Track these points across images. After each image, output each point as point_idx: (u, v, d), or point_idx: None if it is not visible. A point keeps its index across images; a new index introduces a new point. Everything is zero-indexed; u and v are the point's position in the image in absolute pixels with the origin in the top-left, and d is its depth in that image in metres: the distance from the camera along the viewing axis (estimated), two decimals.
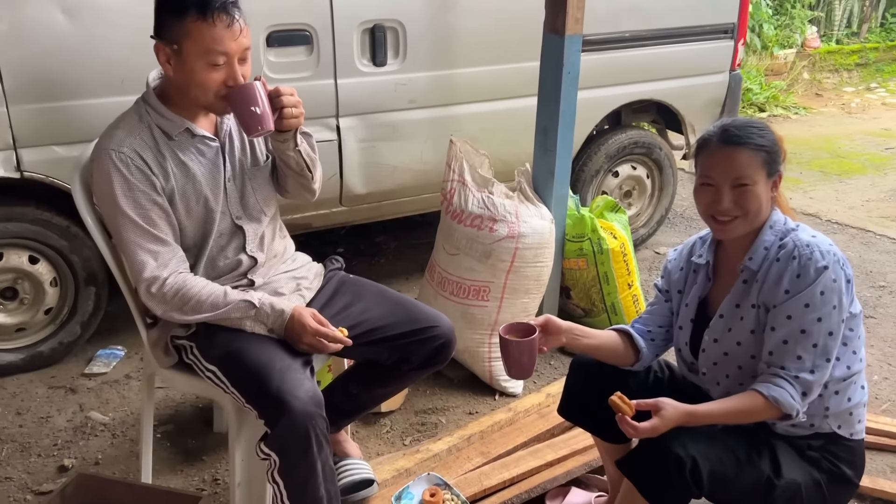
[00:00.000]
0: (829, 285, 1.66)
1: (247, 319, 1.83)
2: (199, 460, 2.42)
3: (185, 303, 1.81)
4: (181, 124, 1.85)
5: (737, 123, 1.75)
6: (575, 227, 3.08)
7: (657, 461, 1.68)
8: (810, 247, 1.67)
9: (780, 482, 1.71)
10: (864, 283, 3.72)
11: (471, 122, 3.22)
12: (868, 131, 6.55)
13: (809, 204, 4.79)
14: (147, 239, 1.80)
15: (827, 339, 1.67)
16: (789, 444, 1.77)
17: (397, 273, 3.69)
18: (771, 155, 1.72)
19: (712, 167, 1.74)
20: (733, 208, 1.72)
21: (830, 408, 1.76)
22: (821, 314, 1.66)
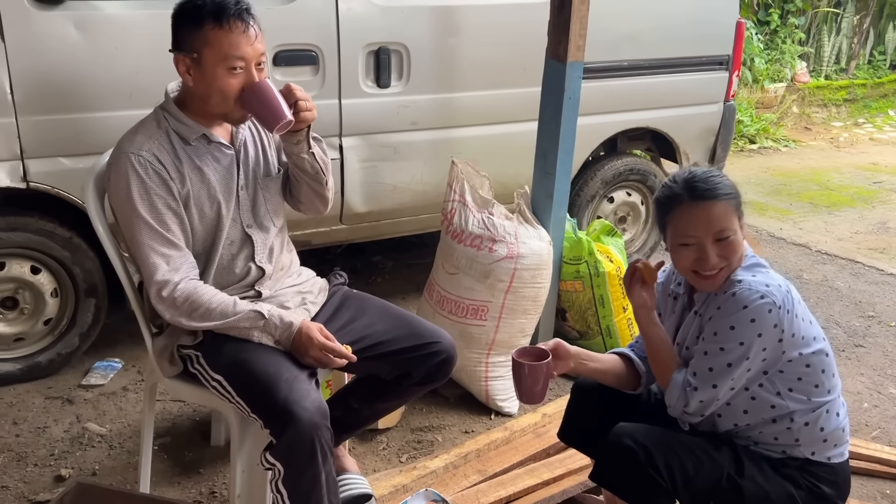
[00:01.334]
0: (743, 323, 1.68)
1: (255, 330, 1.85)
2: (197, 473, 2.42)
3: (194, 309, 1.83)
4: (198, 130, 1.90)
5: (700, 176, 1.75)
6: (572, 250, 3.12)
7: (613, 457, 1.76)
8: (742, 283, 1.71)
9: (744, 483, 1.75)
10: (853, 313, 3.78)
11: (471, 144, 3.27)
12: (856, 165, 6.66)
13: (799, 234, 4.86)
14: (160, 242, 1.83)
15: (723, 369, 1.71)
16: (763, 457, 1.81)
17: (394, 292, 3.71)
18: (738, 199, 1.75)
19: (691, 226, 1.73)
20: (719, 261, 1.73)
21: (801, 439, 1.79)
22: (724, 345, 1.71)
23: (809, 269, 4.33)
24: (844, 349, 3.41)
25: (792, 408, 1.77)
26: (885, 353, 3.39)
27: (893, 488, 2.49)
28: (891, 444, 2.70)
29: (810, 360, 1.76)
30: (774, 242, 4.73)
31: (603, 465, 1.80)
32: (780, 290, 1.71)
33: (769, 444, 1.81)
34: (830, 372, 1.81)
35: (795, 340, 1.74)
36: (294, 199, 2.11)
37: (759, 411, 1.79)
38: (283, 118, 1.84)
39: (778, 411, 1.77)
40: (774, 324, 1.69)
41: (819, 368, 1.78)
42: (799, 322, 1.74)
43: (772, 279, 1.73)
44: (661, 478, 1.70)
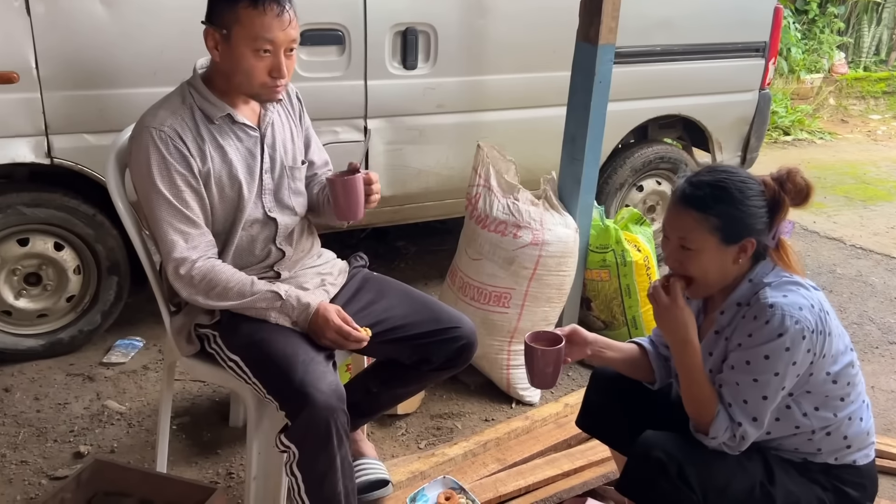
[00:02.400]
0: (778, 352, 1.58)
1: (272, 310, 1.83)
2: (214, 453, 2.41)
3: (211, 288, 1.81)
4: (223, 109, 1.87)
5: (698, 180, 1.65)
6: (599, 238, 3.06)
7: (642, 469, 1.68)
8: (774, 308, 1.58)
9: (776, 491, 1.68)
10: (888, 309, 3.67)
11: (498, 129, 3.21)
12: (894, 159, 6.49)
13: (833, 228, 4.75)
14: (179, 219, 1.81)
15: (759, 401, 1.61)
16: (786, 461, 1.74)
17: (416, 278, 3.68)
18: (728, 222, 1.61)
19: (666, 221, 1.69)
20: (679, 267, 1.67)
21: (823, 448, 1.72)
22: (759, 377, 1.60)
23: (843, 263, 4.22)
24: (878, 346, 3.32)
25: (816, 425, 1.70)
26: None
27: None
28: None
29: (838, 377, 1.68)
30: (808, 236, 4.62)
31: (632, 477, 1.72)
32: (813, 311, 1.60)
33: (789, 451, 1.75)
34: (856, 381, 1.73)
35: (825, 360, 1.65)
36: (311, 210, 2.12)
37: (783, 429, 1.72)
38: (356, 217, 1.95)
39: (801, 429, 1.71)
40: (808, 349, 1.60)
41: (845, 381, 1.70)
42: (832, 340, 1.65)
43: (804, 299, 1.61)
44: (692, 491, 1.64)
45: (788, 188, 1.64)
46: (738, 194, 1.62)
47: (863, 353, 3.23)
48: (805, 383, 1.66)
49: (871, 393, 2.92)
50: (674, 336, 1.70)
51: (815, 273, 4.05)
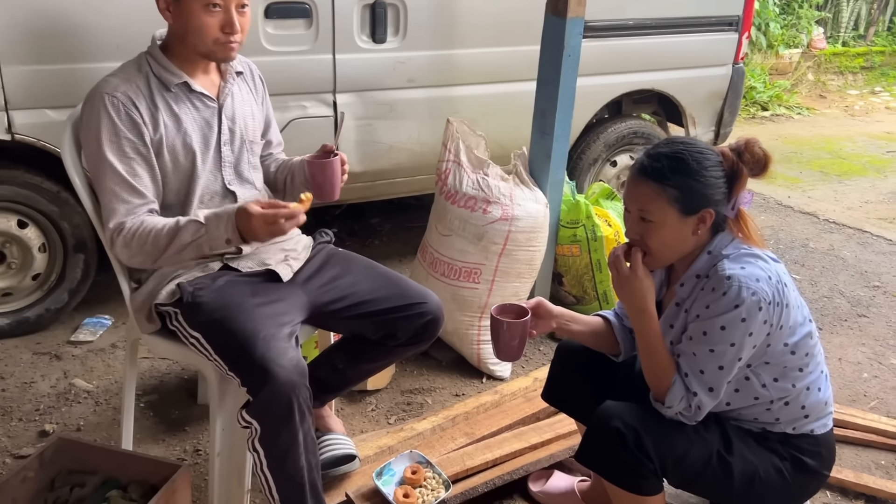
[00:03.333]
0: (734, 323, 1.59)
1: (202, 241, 1.75)
2: (182, 431, 2.41)
3: (144, 241, 1.77)
4: (180, 76, 1.86)
5: (657, 152, 1.65)
6: (570, 213, 3.06)
7: (601, 439, 1.69)
8: (731, 279, 1.59)
9: (733, 459, 1.70)
10: (858, 282, 3.71)
11: (469, 103, 3.19)
12: (870, 134, 6.53)
13: (808, 203, 4.78)
14: (124, 188, 1.79)
15: (716, 371, 1.63)
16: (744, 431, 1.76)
17: (390, 255, 3.67)
18: (686, 193, 1.61)
19: (626, 193, 1.69)
20: (639, 241, 1.67)
21: (781, 417, 1.74)
22: (715, 347, 1.61)
23: (816, 237, 4.25)
24: (847, 319, 3.35)
25: (774, 395, 1.71)
26: (888, 324, 3.32)
27: (889, 459, 2.45)
28: (889, 415, 2.65)
29: (796, 347, 1.70)
30: (782, 210, 4.64)
31: (590, 446, 1.74)
32: (770, 282, 1.61)
33: (748, 421, 1.76)
34: (814, 352, 1.75)
35: (783, 332, 1.66)
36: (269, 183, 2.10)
37: (743, 400, 1.73)
38: (333, 197, 1.98)
39: (760, 399, 1.72)
40: (765, 320, 1.60)
41: (803, 352, 1.71)
42: (789, 311, 1.66)
43: (762, 271, 1.62)
44: (649, 460, 1.65)
45: (746, 158, 1.64)
46: (696, 165, 1.62)
47: (832, 326, 3.27)
48: (763, 354, 1.67)
49: (838, 365, 2.96)
50: (632, 305, 1.70)
51: (787, 247, 4.08)
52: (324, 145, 1.99)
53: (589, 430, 1.75)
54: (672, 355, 1.70)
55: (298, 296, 1.94)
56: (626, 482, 1.70)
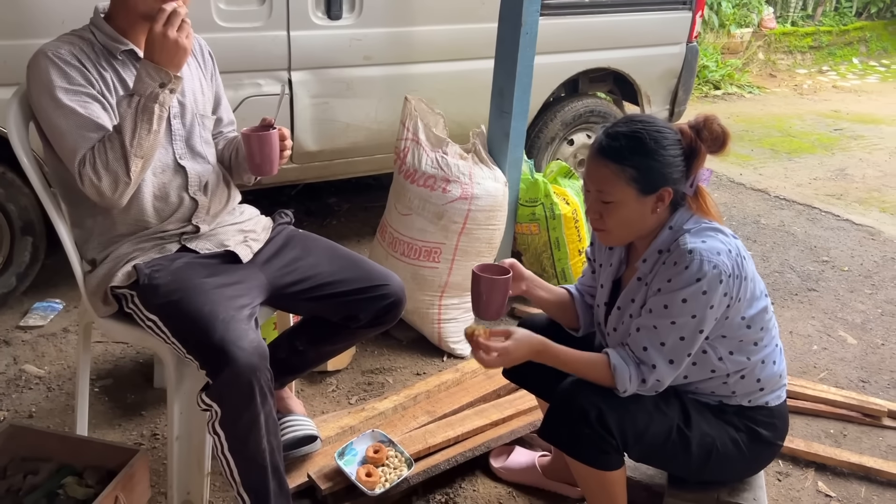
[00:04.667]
0: (695, 296, 1.61)
1: (141, 105, 1.67)
2: (138, 415, 2.37)
3: (104, 154, 1.68)
4: (126, 43, 1.81)
5: (615, 132, 1.65)
6: (528, 192, 3.07)
7: (564, 416, 1.71)
8: (693, 253, 1.60)
9: (692, 433, 1.73)
10: (808, 257, 3.80)
11: (427, 81, 3.17)
12: (818, 112, 6.68)
13: (759, 180, 4.87)
14: (86, 127, 1.71)
15: (677, 343, 1.65)
16: (702, 404, 1.79)
17: (349, 235, 3.64)
18: (645, 173, 1.62)
19: (585, 174, 1.70)
20: (600, 221, 1.69)
21: (737, 391, 1.78)
22: (676, 319, 1.63)
23: (767, 214, 4.34)
24: (798, 293, 3.44)
25: (731, 369, 1.75)
26: (836, 297, 3.42)
27: (837, 427, 2.53)
28: (837, 386, 2.73)
29: (752, 321, 1.73)
30: (734, 188, 4.73)
31: (553, 423, 1.75)
32: (730, 256, 1.64)
33: (706, 395, 1.80)
34: (769, 326, 1.78)
35: (741, 304, 1.69)
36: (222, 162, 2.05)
37: (700, 373, 1.76)
38: (271, 173, 1.92)
39: (717, 373, 1.76)
40: (725, 293, 1.63)
41: (759, 327, 1.75)
42: (747, 284, 1.69)
43: (722, 244, 1.65)
44: (611, 436, 1.67)
45: (705, 136, 1.65)
46: (654, 144, 1.63)
47: (783, 300, 3.35)
48: (721, 327, 1.70)
49: (789, 338, 3.03)
50: (528, 356, 1.72)
51: (740, 223, 4.16)
52: (264, 118, 1.93)
53: (552, 408, 1.77)
54: (587, 356, 1.73)
55: (258, 277, 1.91)
56: (589, 458, 1.72)
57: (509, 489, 2.17)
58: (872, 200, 4.63)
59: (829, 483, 2.28)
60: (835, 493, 2.23)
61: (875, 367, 2.90)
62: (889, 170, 5.19)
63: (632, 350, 1.70)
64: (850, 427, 2.53)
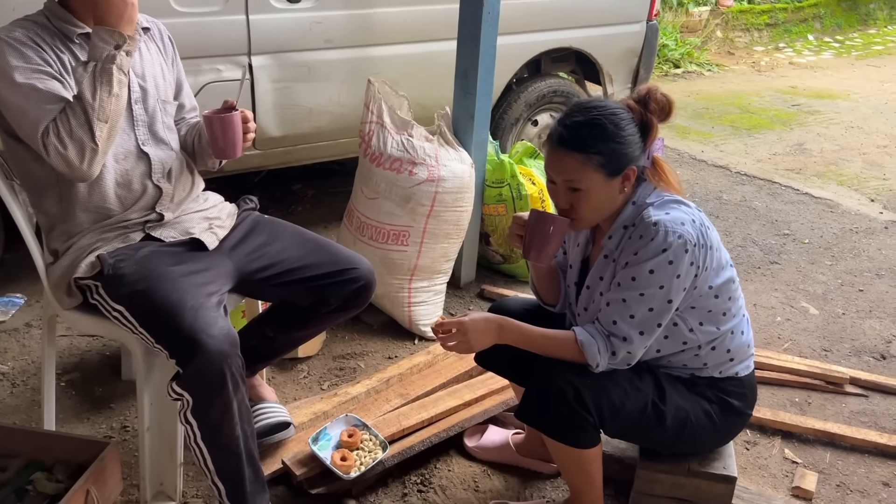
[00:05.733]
0: (662, 266, 1.64)
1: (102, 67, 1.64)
2: (107, 408, 2.33)
3: (67, 123, 1.64)
4: (82, 27, 1.77)
5: (573, 122, 1.66)
6: (494, 173, 3.07)
7: (541, 397, 1.73)
8: (658, 225, 1.64)
9: (666, 408, 1.76)
10: (769, 231, 3.87)
11: (390, 64, 3.15)
12: (776, 88, 6.77)
13: (720, 157, 4.93)
14: (47, 100, 1.66)
15: (646, 314, 1.67)
16: (674, 378, 1.83)
17: (315, 221, 3.62)
18: (609, 157, 1.64)
19: (548, 166, 1.71)
20: (570, 210, 1.70)
21: (708, 362, 1.81)
22: (644, 291, 1.66)
23: (729, 189, 4.40)
24: (760, 266, 3.50)
25: (702, 340, 1.78)
26: (798, 269, 3.49)
27: (802, 396, 2.59)
28: (800, 355, 2.79)
29: (719, 291, 1.76)
30: (696, 165, 4.78)
31: (530, 404, 1.77)
32: (694, 225, 1.67)
33: (678, 368, 1.83)
34: (736, 296, 1.82)
35: (708, 273, 1.72)
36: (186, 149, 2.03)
37: (672, 346, 1.79)
38: (234, 155, 1.90)
39: (689, 345, 1.79)
40: (691, 262, 1.66)
41: (727, 296, 1.78)
42: (713, 253, 1.72)
43: (685, 214, 1.68)
44: (588, 414, 1.69)
45: (652, 107, 1.68)
46: (614, 128, 1.65)
47: (746, 274, 3.40)
48: (689, 298, 1.72)
49: (753, 310, 3.09)
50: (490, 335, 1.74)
51: (702, 200, 4.22)
52: (225, 101, 1.90)
53: (529, 390, 1.78)
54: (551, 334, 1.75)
55: (225, 264, 1.89)
56: (567, 437, 1.74)
57: (484, 468, 2.19)
58: (830, 174, 4.72)
59: (795, 450, 2.33)
60: (801, 459, 2.29)
61: (836, 335, 2.96)
62: (845, 143, 5.29)
63: (602, 324, 1.72)
64: (815, 395, 2.59)
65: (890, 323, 3.07)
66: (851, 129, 5.62)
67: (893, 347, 2.90)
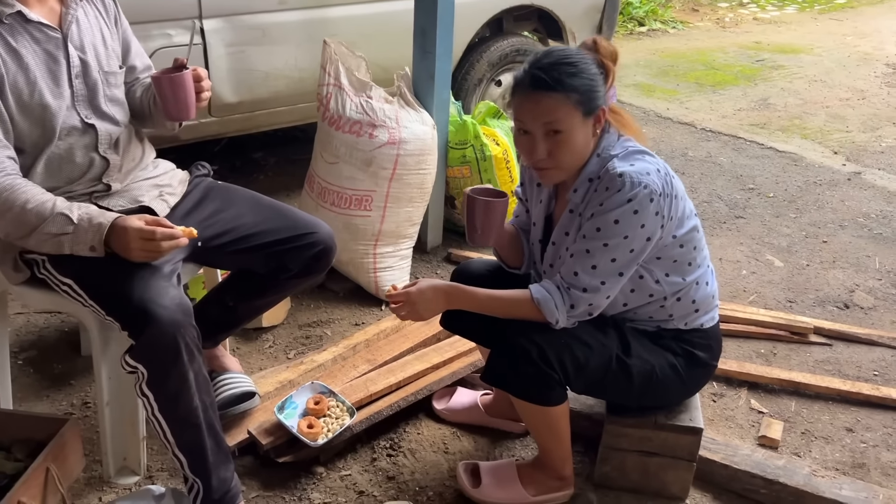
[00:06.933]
0: (627, 216, 1.63)
1: (65, 240, 1.62)
2: (67, 385, 2.28)
3: (7, 209, 1.60)
4: (11, 5, 1.67)
5: (546, 63, 1.63)
6: (457, 134, 3.03)
7: (506, 358, 1.72)
8: (623, 176, 1.62)
9: (631, 362, 1.76)
10: (734, 186, 3.88)
11: (347, 25, 3.08)
12: (740, 44, 6.76)
13: (685, 114, 4.92)
14: None
15: (608, 264, 1.66)
16: (640, 332, 1.82)
17: (277, 189, 3.55)
18: (585, 94, 1.62)
19: (523, 113, 1.66)
20: (548, 160, 1.67)
21: (674, 314, 1.81)
22: (608, 241, 1.65)
23: (694, 146, 4.40)
24: (726, 221, 3.51)
25: (668, 291, 1.77)
26: (763, 223, 3.50)
27: (767, 347, 2.61)
28: (766, 307, 2.81)
29: (684, 240, 1.75)
30: (661, 122, 4.77)
31: (495, 366, 1.76)
32: (659, 175, 1.66)
33: (644, 321, 1.82)
34: (701, 246, 1.81)
35: (673, 223, 1.71)
36: (138, 116, 1.96)
37: (638, 299, 1.78)
38: (187, 116, 1.83)
39: (655, 297, 1.78)
40: (657, 212, 1.64)
41: (692, 246, 1.77)
42: (678, 202, 1.71)
43: (650, 164, 1.67)
44: (553, 371, 1.69)
45: (603, 52, 1.68)
46: (583, 65, 1.64)
47: (712, 229, 3.41)
48: (654, 248, 1.71)
49: (718, 264, 3.10)
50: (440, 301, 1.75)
51: (668, 157, 4.21)
52: (176, 59, 1.82)
53: (494, 352, 1.77)
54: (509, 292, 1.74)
55: None
56: (533, 396, 1.74)
57: (453, 429, 2.18)
58: (794, 128, 4.73)
59: (761, 400, 2.35)
60: (767, 409, 2.31)
61: (801, 287, 2.99)
62: (809, 97, 5.31)
63: (562, 277, 1.70)
64: (780, 345, 2.62)
65: (853, 272, 3.10)
66: (815, 83, 5.64)
67: (856, 296, 2.93)
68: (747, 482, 1.97)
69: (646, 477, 1.96)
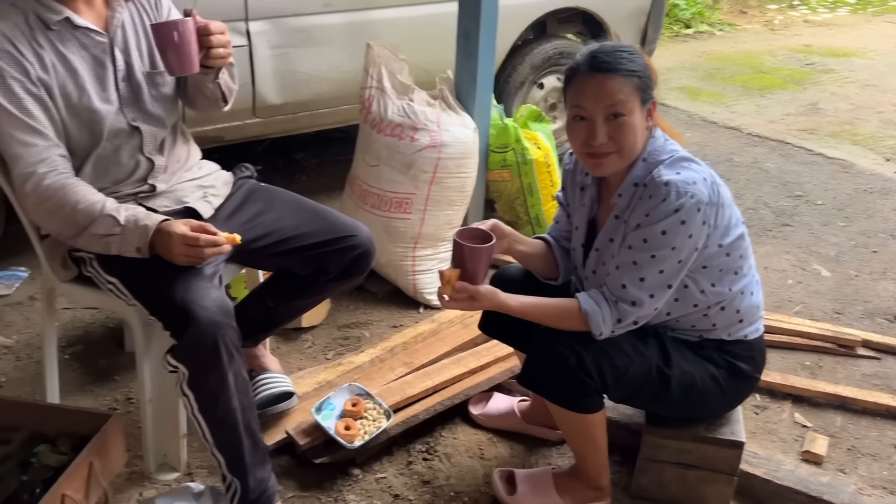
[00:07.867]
0: (674, 227, 1.60)
1: (112, 240, 1.66)
2: (111, 380, 2.33)
3: (59, 208, 1.65)
4: (59, 12, 1.70)
5: (605, 49, 1.62)
6: (499, 138, 3.01)
7: (543, 363, 1.71)
8: (669, 185, 1.59)
9: (671, 372, 1.73)
10: (781, 193, 3.80)
11: (390, 27, 3.08)
12: (790, 47, 6.63)
13: (731, 118, 4.84)
14: (21, 129, 1.65)
15: (656, 276, 1.64)
16: (681, 342, 1.79)
17: (318, 190, 3.57)
18: (643, 80, 1.62)
19: (583, 97, 1.63)
20: (609, 143, 1.64)
21: (717, 323, 1.77)
22: (655, 252, 1.62)
23: (740, 151, 4.32)
24: (772, 229, 3.44)
25: (713, 300, 1.74)
26: (810, 231, 3.42)
27: (813, 359, 2.55)
28: (812, 318, 2.75)
29: (730, 249, 1.72)
30: (707, 126, 4.70)
31: (532, 370, 1.75)
32: (706, 183, 1.63)
33: (686, 330, 1.79)
34: (747, 255, 1.78)
35: (719, 231, 1.68)
36: (189, 101, 1.97)
37: (682, 308, 1.75)
38: (189, 69, 1.71)
39: (699, 306, 1.75)
40: (703, 221, 1.62)
41: (738, 254, 1.74)
42: (724, 210, 1.68)
43: (697, 173, 1.63)
44: (590, 379, 1.67)
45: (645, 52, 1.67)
46: (638, 56, 1.64)
47: (758, 237, 3.35)
48: (700, 257, 1.69)
49: (764, 273, 3.04)
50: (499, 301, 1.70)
51: (713, 162, 4.14)
52: (185, 10, 1.76)
53: (531, 356, 1.76)
54: (556, 301, 1.71)
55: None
56: (569, 402, 1.72)
57: (489, 435, 2.17)
58: (844, 134, 4.62)
59: (806, 413, 2.30)
60: (811, 423, 2.26)
61: (849, 298, 2.91)
62: (860, 102, 5.18)
63: (610, 289, 1.68)
64: (826, 358, 2.55)
65: None
66: (867, 88, 5.49)
67: None
68: (790, 498, 1.93)
69: (684, 490, 1.93)
